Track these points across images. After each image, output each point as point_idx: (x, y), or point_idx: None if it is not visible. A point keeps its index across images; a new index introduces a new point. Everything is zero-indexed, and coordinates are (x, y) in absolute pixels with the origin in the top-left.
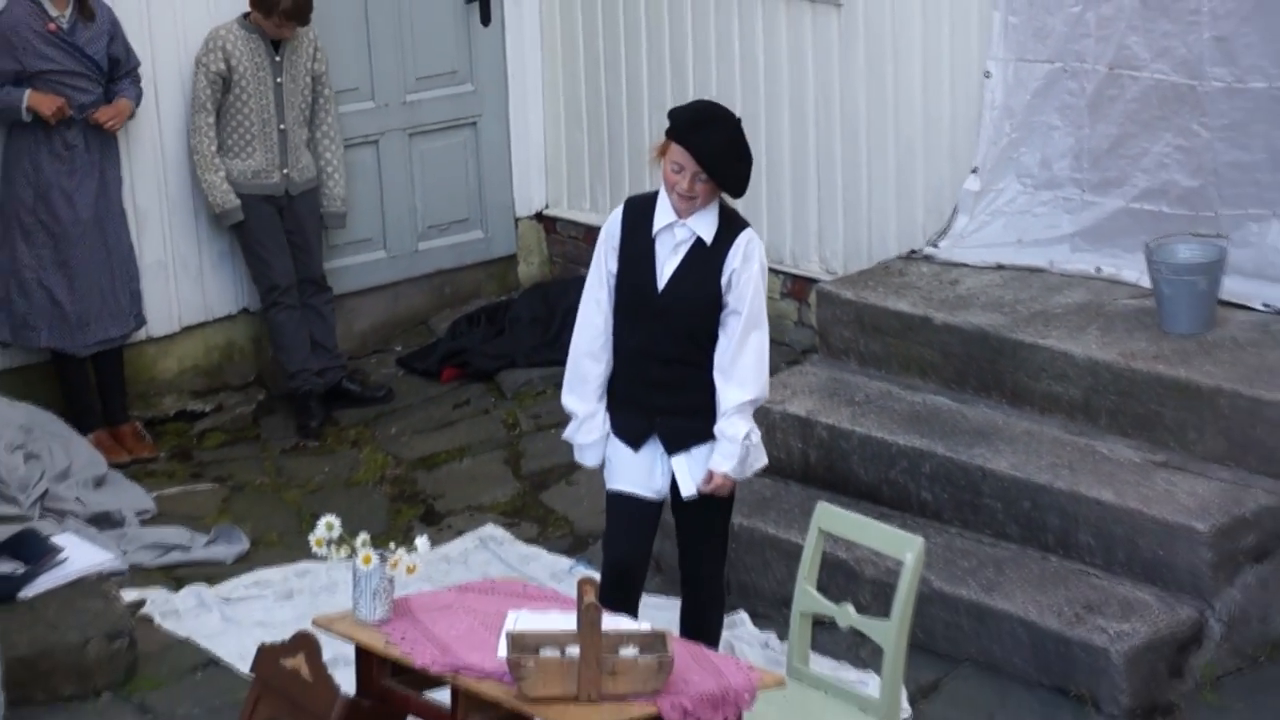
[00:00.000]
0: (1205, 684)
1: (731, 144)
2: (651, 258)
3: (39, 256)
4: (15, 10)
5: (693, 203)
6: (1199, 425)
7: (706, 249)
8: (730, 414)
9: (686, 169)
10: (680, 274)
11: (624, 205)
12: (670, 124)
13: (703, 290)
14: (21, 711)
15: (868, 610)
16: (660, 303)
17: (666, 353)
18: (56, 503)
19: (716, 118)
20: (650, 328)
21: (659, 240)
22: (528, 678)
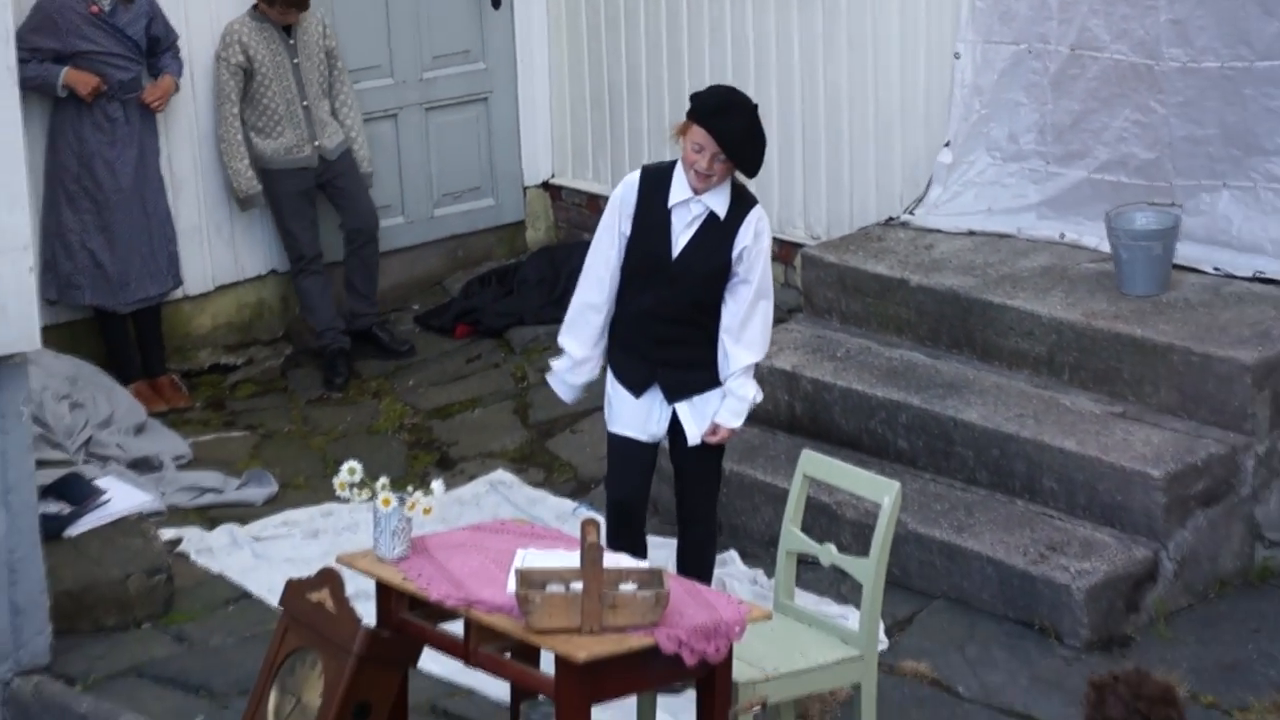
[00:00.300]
0: (1159, 618)
1: (750, 128)
2: (667, 228)
3: (82, 221)
4: None
5: (710, 181)
6: (1154, 379)
7: (719, 223)
8: (739, 374)
9: (706, 149)
10: (693, 246)
11: (640, 173)
12: (692, 107)
13: (713, 262)
14: (67, 640)
15: (848, 549)
16: (673, 270)
17: (673, 314)
18: (100, 448)
19: (737, 104)
20: (660, 291)
21: (675, 212)
22: (534, 611)
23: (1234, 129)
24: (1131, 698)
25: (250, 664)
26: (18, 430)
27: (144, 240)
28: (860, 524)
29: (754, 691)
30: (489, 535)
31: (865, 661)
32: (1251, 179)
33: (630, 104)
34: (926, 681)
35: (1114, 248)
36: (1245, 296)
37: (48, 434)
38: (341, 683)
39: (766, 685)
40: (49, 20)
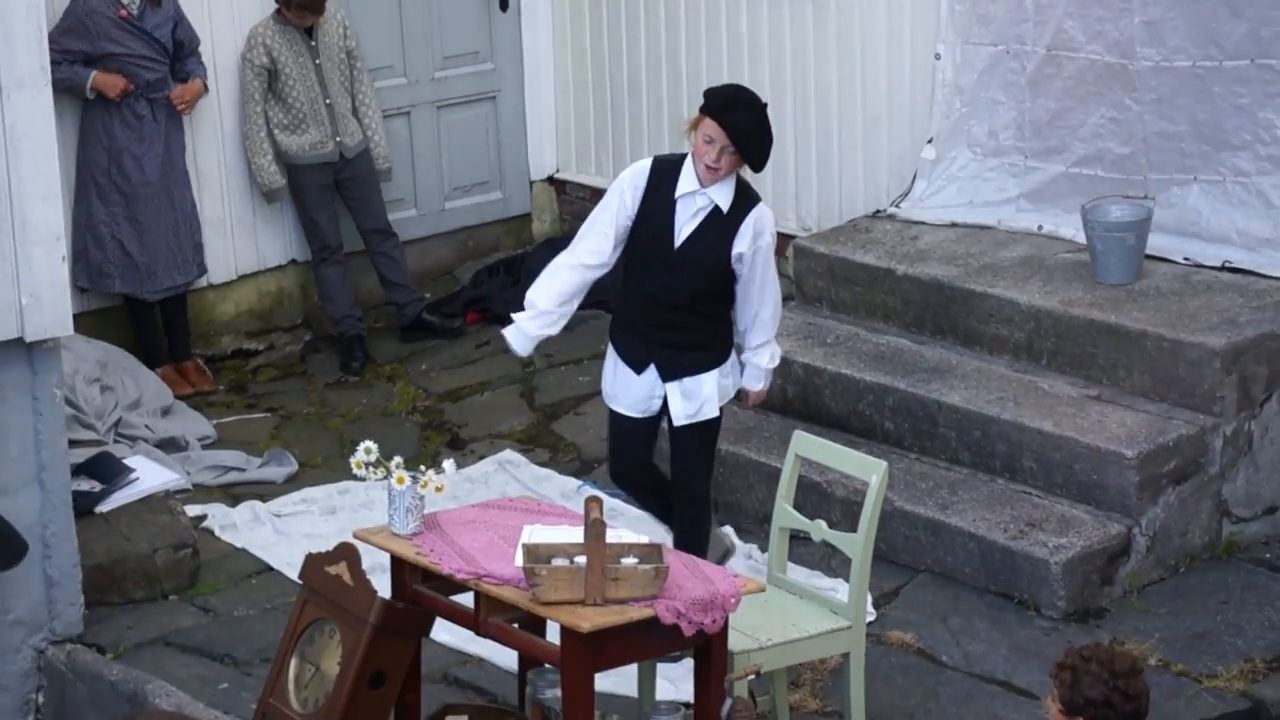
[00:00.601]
0: (1132, 591)
1: (759, 124)
2: (671, 216)
3: (112, 213)
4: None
5: (717, 173)
6: (1128, 364)
7: (722, 216)
8: (757, 348)
9: (716, 142)
10: (696, 236)
11: (652, 162)
12: (705, 102)
13: (714, 254)
14: (98, 611)
15: (838, 526)
16: (675, 259)
17: (673, 300)
18: (128, 429)
19: (747, 100)
20: (662, 278)
21: (680, 203)
22: (541, 584)
23: (1204, 125)
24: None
25: (272, 634)
26: (51, 411)
27: (170, 232)
28: (849, 501)
29: (749, 660)
30: (497, 512)
31: (854, 632)
32: (1220, 173)
33: (631, 102)
34: (912, 651)
35: (1089, 239)
36: (1214, 285)
37: (79, 415)
38: (358, 651)
39: (760, 654)
40: (79, 24)
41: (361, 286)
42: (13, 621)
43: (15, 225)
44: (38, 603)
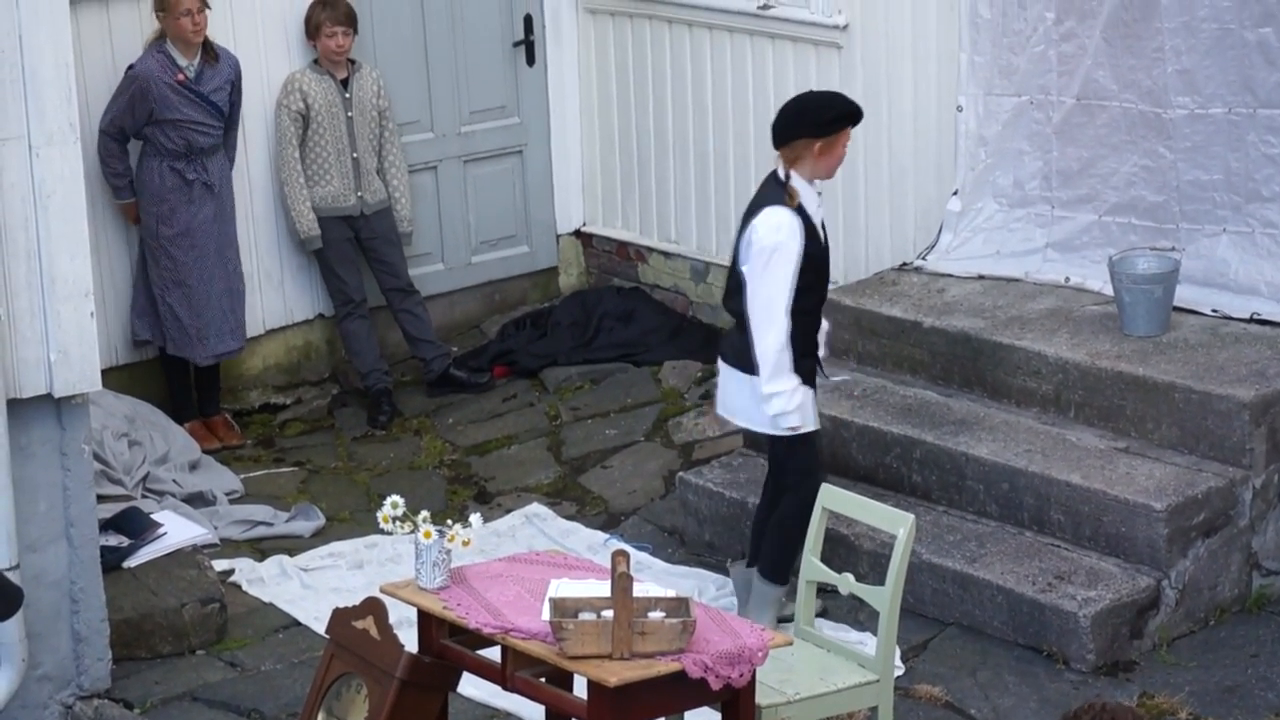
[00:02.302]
0: (1162, 644)
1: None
2: (816, 229)
3: (161, 277)
4: (149, 62)
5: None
6: (1156, 416)
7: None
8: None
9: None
10: (825, 234)
11: (793, 215)
12: (851, 111)
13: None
14: (126, 666)
15: (866, 579)
16: (828, 260)
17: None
18: (156, 484)
19: None
20: (824, 285)
21: (816, 217)
22: (568, 638)
23: (1237, 174)
24: None
25: (299, 688)
26: (79, 467)
27: (223, 298)
28: (877, 554)
29: (776, 714)
30: (524, 566)
31: (882, 685)
32: (1249, 224)
33: (658, 156)
34: (940, 704)
35: (1117, 291)
36: (1242, 337)
37: (108, 470)
38: (385, 706)
39: (788, 708)
40: (140, 90)
41: (388, 340)
42: (40, 677)
43: (44, 281)
44: (65, 658)
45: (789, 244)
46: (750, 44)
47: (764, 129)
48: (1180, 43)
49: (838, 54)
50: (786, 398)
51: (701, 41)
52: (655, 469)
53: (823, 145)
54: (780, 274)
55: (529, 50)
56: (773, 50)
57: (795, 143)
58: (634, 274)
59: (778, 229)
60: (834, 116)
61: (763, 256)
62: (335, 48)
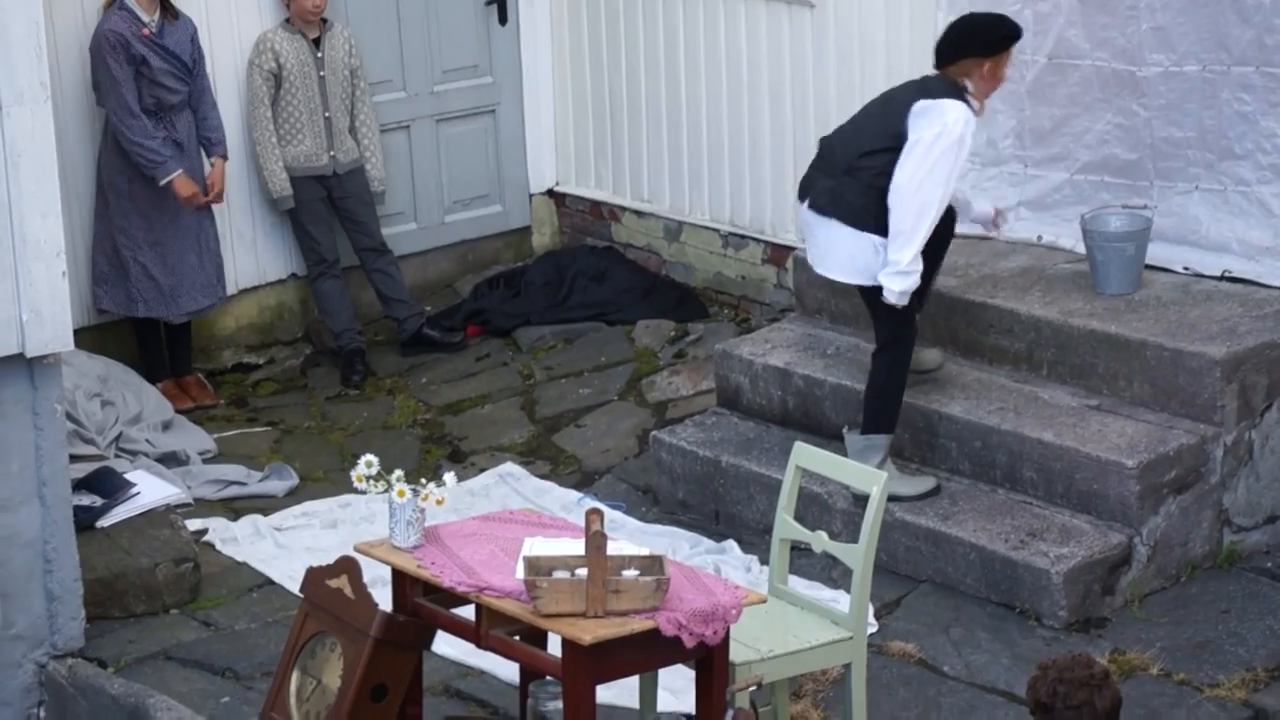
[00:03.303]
0: (1133, 600)
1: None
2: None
3: (133, 237)
4: (113, 19)
5: None
6: (1128, 374)
7: None
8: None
9: None
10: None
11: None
12: (1017, 31)
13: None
14: (100, 625)
15: (839, 537)
16: None
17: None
18: (129, 444)
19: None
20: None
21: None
22: (542, 596)
23: (1210, 132)
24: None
25: (273, 648)
26: (52, 427)
27: (194, 253)
28: (850, 512)
29: (750, 671)
30: (498, 524)
31: (855, 642)
32: (1222, 182)
33: (630, 115)
34: (913, 661)
35: (1089, 249)
36: (1214, 295)
37: (80, 430)
38: (359, 665)
39: (762, 665)
40: (116, 41)
41: (361, 300)
42: (14, 636)
43: (15, 241)
44: (39, 617)
45: (968, 142)
46: (723, 3)
47: (736, 89)
48: (1154, 0)
49: (810, 13)
50: (914, 278)
51: (674, 1)
52: (629, 428)
53: (991, 65)
54: (956, 164)
55: (501, 9)
56: (745, 9)
57: (964, 61)
58: (607, 233)
59: (966, 123)
60: (1003, 35)
61: (947, 140)
62: (312, 7)
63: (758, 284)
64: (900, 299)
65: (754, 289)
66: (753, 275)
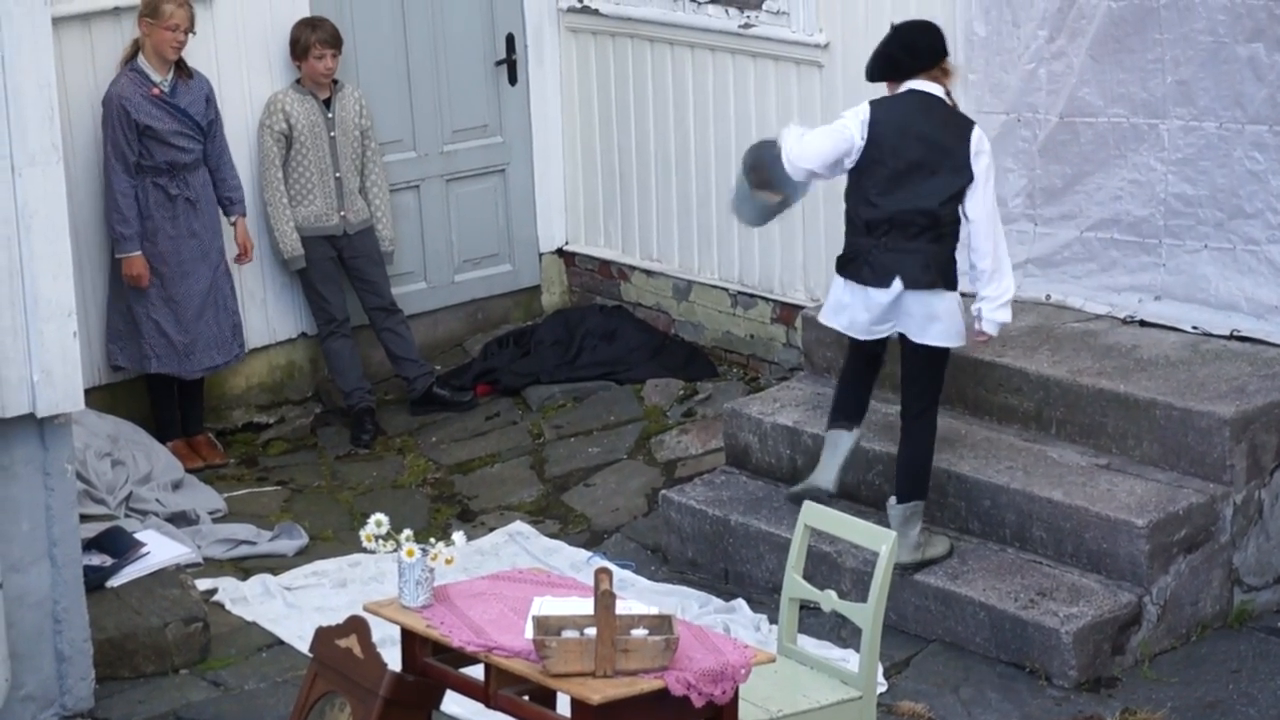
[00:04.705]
0: (1144, 660)
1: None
2: None
3: (147, 294)
4: (121, 82)
5: None
6: (1137, 433)
7: None
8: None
9: None
10: None
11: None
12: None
13: None
14: (109, 686)
15: (848, 596)
16: None
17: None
18: (139, 503)
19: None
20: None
21: None
22: (551, 656)
23: (1222, 190)
24: None
25: (283, 708)
26: (62, 487)
27: (210, 311)
28: (859, 571)
29: None
30: (507, 584)
31: (865, 702)
32: (1231, 240)
33: (639, 175)
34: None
35: None
36: (1222, 354)
37: (91, 490)
38: None
39: None
40: (119, 107)
41: (371, 359)
42: (24, 697)
43: (27, 301)
44: (49, 678)
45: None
46: (732, 63)
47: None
48: (1179, 54)
49: (819, 73)
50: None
51: (683, 61)
52: (638, 487)
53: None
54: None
55: (511, 69)
56: (754, 69)
57: (945, 61)
58: (616, 292)
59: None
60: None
61: (991, 169)
62: (324, 70)
63: (766, 343)
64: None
65: (763, 348)
66: (761, 334)
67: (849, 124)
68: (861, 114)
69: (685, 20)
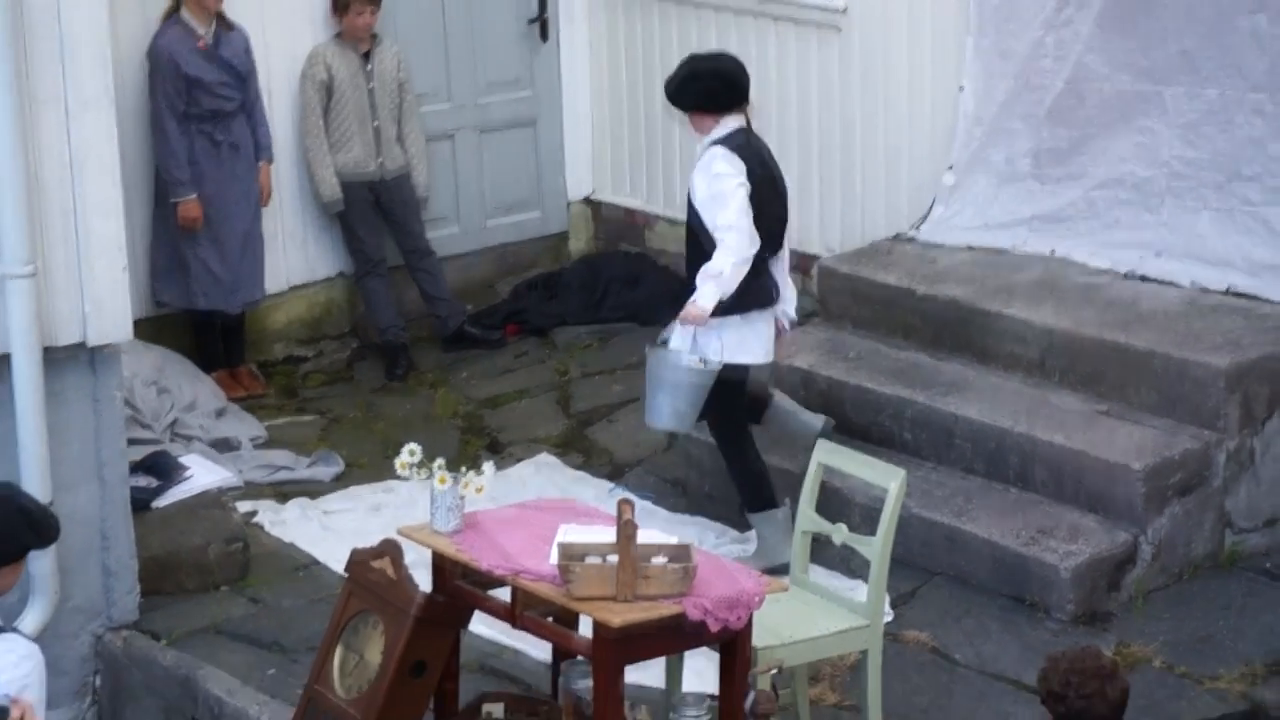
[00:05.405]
0: (1138, 597)
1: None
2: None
3: (194, 235)
4: (167, 35)
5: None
6: (1136, 382)
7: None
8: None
9: None
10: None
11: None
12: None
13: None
14: (153, 600)
15: (858, 530)
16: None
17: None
18: (184, 430)
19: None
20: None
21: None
22: (574, 580)
23: (1223, 154)
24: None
25: (318, 624)
26: (111, 412)
27: (250, 248)
28: (869, 507)
29: (771, 655)
30: (534, 512)
31: (872, 630)
32: (1230, 202)
33: (664, 128)
34: (927, 649)
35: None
36: (1219, 308)
37: (137, 416)
38: (400, 642)
39: (783, 650)
40: (167, 59)
41: (405, 298)
42: (72, 609)
43: (80, 237)
44: (96, 591)
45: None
46: (753, 25)
47: (766, 107)
48: (1183, 24)
49: (837, 36)
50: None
51: (707, 23)
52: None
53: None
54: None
55: (543, 27)
56: (775, 32)
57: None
58: (641, 240)
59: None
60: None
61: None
62: (363, 25)
63: None
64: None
65: None
66: None
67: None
68: (736, 166)
69: None
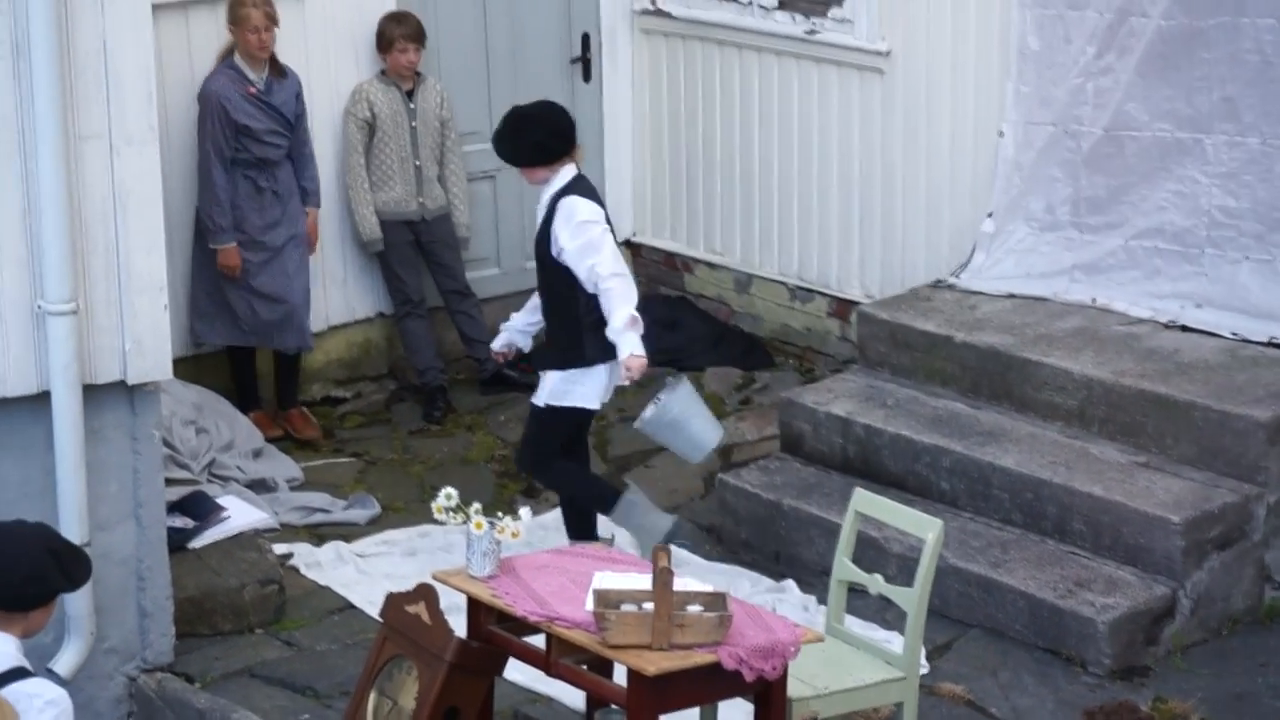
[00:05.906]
0: (1176, 651)
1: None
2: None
3: (236, 280)
4: (220, 78)
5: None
6: (1175, 433)
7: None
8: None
9: None
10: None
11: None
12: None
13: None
14: (188, 642)
15: (894, 580)
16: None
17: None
18: (221, 470)
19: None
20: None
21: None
22: (610, 628)
23: (1263, 204)
24: None
25: (352, 668)
26: (149, 451)
27: (297, 294)
28: (905, 557)
29: (806, 707)
30: (570, 558)
31: (907, 682)
32: (1271, 253)
33: (705, 172)
34: (962, 703)
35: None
36: (1260, 360)
37: (175, 455)
38: (434, 688)
39: (817, 701)
40: (216, 104)
41: (444, 339)
42: (108, 650)
43: (121, 275)
44: (131, 632)
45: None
46: (796, 67)
47: (807, 149)
48: (1225, 71)
49: (880, 79)
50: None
51: (750, 64)
52: (696, 470)
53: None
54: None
55: (585, 67)
56: (818, 74)
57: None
58: (680, 283)
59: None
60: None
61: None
62: (406, 63)
63: (822, 336)
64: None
65: (818, 340)
66: (818, 327)
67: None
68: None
69: (753, 25)
